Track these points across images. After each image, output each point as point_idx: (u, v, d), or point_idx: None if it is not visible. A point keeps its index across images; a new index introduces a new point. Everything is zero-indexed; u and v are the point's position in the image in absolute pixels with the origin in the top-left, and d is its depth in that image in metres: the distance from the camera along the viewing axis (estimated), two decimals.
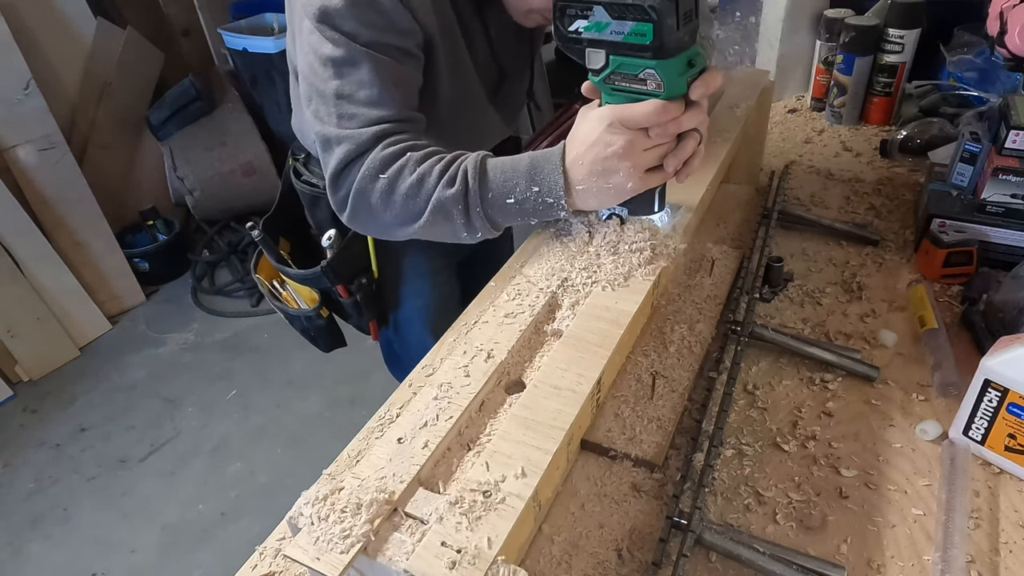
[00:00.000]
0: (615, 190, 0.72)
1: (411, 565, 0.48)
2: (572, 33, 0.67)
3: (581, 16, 0.65)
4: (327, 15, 0.78)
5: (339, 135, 0.80)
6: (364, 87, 0.79)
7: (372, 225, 0.86)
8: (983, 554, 0.62)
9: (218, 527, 2.04)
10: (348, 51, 0.79)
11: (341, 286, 1.12)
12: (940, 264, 0.94)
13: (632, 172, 0.70)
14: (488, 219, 0.77)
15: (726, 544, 0.60)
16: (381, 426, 0.74)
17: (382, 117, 0.80)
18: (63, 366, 2.72)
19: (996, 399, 0.67)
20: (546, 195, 0.74)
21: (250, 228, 1.14)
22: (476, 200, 0.76)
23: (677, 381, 0.75)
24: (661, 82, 0.65)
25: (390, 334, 1.27)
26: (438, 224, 0.79)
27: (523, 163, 0.76)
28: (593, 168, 0.71)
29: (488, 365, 0.66)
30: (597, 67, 0.68)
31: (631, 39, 0.63)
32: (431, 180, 0.77)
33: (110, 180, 2.99)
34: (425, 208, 0.77)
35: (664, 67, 0.64)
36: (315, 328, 1.21)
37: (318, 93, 0.81)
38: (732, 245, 0.99)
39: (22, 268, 2.56)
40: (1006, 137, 0.90)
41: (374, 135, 0.79)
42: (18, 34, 2.50)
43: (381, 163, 0.78)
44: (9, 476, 2.28)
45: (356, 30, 0.78)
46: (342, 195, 0.82)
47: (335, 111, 0.80)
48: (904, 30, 1.31)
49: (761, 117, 1.18)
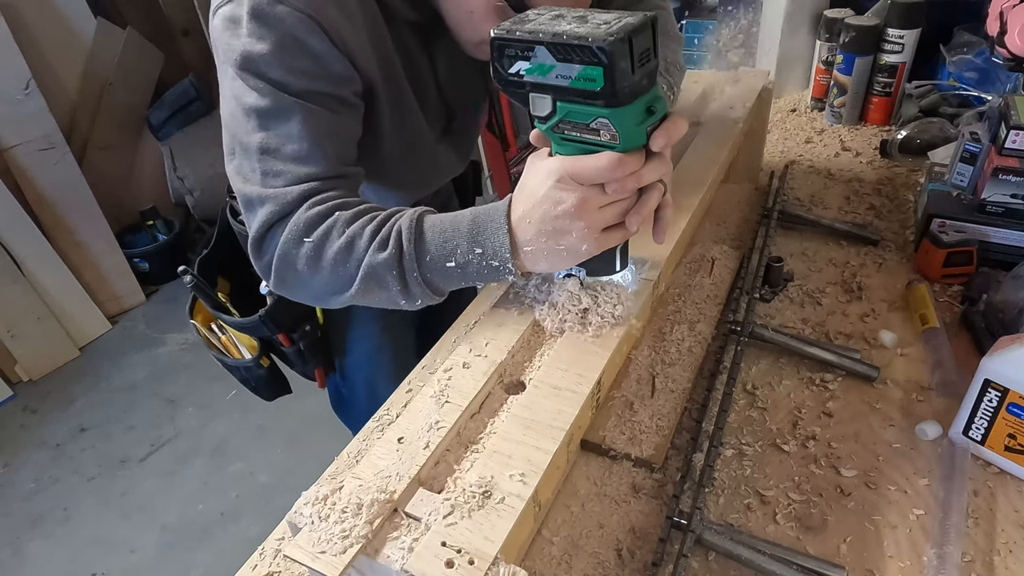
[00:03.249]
0: (568, 252, 0.63)
1: (411, 565, 0.49)
2: (513, 76, 0.58)
3: (522, 57, 0.56)
4: (251, 62, 0.69)
5: (262, 195, 0.71)
6: (292, 141, 0.71)
7: (301, 293, 0.77)
8: (982, 554, 0.62)
9: (218, 527, 2.04)
10: (275, 101, 0.70)
11: (283, 334, 1.03)
12: (940, 264, 0.94)
13: (586, 233, 0.62)
14: (427, 284, 0.69)
15: (726, 544, 0.60)
16: (381, 426, 0.75)
17: (311, 174, 0.71)
18: (63, 366, 2.73)
19: (996, 399, 0.67)
20: (491, 258, 0.65)
21: (182, 273, 1.03)
22: (412, 265, 0.67)
23: (677, 381, 0.75)
24: (616, 133, 0.57)
25: (337, 380, 1.19)
26: (372, 291, 0.70)
27: (464, 221, 0.67)
28: (542, 228, 0.62)
29: (488, 365, 0.66)
30: (543, 114, 0.59)
31: (579, 84, 0.54)
32: (361, 243, 0.68)
33: (110, 180, 2.99)
34: (356, 274, 0.69)
35: (618, 116, 0.56)
36: (255, 378, 1.11)
37: (241, 147, 0.72)
38: (732, 245, 0.99)
39: (22, 268, 2.56)
40: (1006, 137, 0.90)
41: (300, 194, 0.70)
42: (18, 34, 2.51)
43: (306, 225, 0.69)
44: (9, 476, 2.28)
45: (285, 79, 0.70)
46: (266, 261, 0.73)
47: (259, 167, 0.71)
48: (904, 30, 1.31)
49: (761, 117, 1.18)
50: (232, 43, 0.71)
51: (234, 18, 0.70)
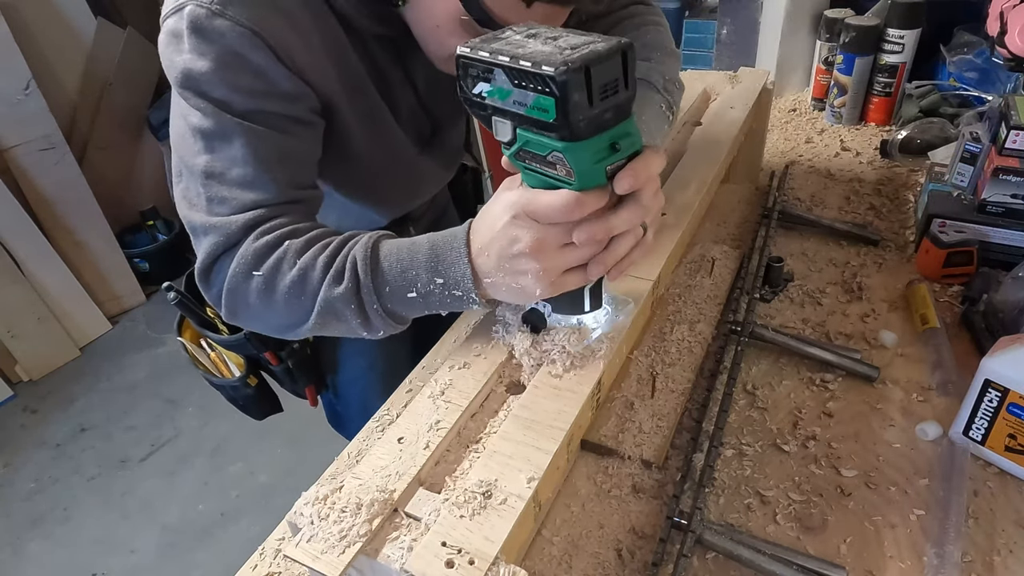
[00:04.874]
0: (523, 292, 0.60)
1: (411, 565, 0.49)
2: (476, 97, 0.54)
3: (483, 79, 0.52)
4: (192, 80, 0.66)
5: (206, 224, 0.67)
6: (237, 165, 0.66)
7: (255, 325, 0.74)
8: (982, 554, 0.62)
9: (218, 527, 2.04)
10: (218, 122, 0.66)
11: (270, 353, 0.99)
12: (940, 264, 0.94)
13: (541, 276, 0.57)
14: (389, 315, 0.66)
15: (726, 544, 0.60)
16: (381, 426, 0.75)
17: (257, 201, 0.67)
18: (63, 366, 2.73)
19: (996, 399, 0.67)
20: (452, 288, 0.62)
21: (166, 289, 0.99)
22: (372, 297, 0.64)
23: (677, 381, 0.75)
24: (571, 169, 0.52)
25: (331, 397, 1.16)
26: (330, 324, 0.67)
27: (422, 250, 0.63)
28: (500, 264, 0.59)
29: (488, 365, 0.66)
30: (505, 140, 0.55)
31: (533, 114, 0.50)
32: (315, 275, 0.65)
33: (110, 180, 2.99)
34: (312, 308, 0.66)
35: (573, 151, 0.51)
36: (243, 397, 1.08)
37: (187, 169, 0.69)
38: (732, 245, 0.99)
39: (22, 268, 2.56)
40: (1006, 137, 0.90)
41: (244, 224, 0.66)
42: (18, 34, 2.50)
43: (254, 257, 0.66)
44: (9, 476, 2.28)
45: (228, 97, 0.66)
46: (214, 293, 0.70)
47: (204, 193, 0.68)
48: (904, 30, 1.31)
49: (761, 117, 1.18)
50: (174, 59, 0.67)
51: (176, 32, 0.67)
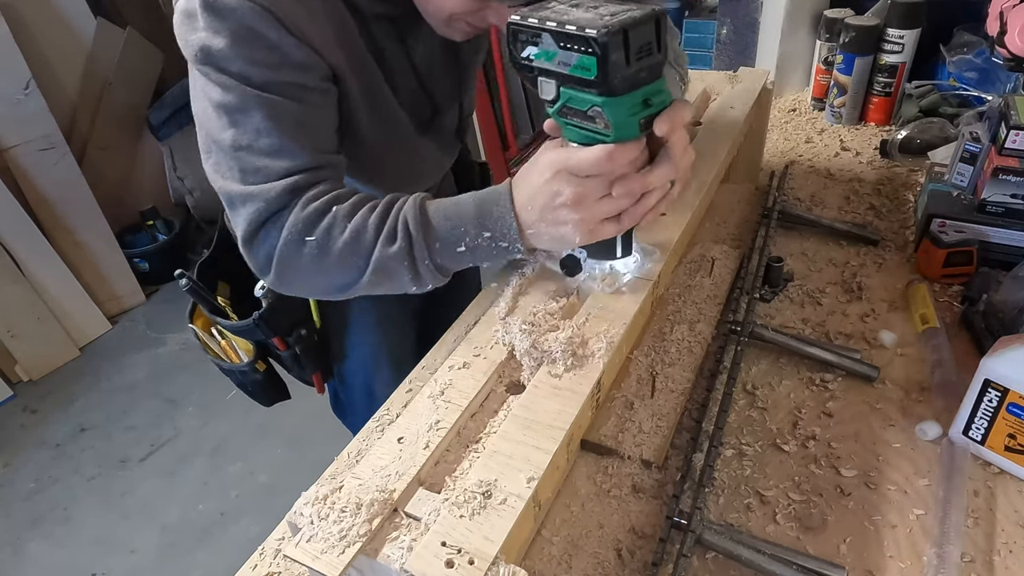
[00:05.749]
0: (563, 240, 0.67)
1: (411, 565, 0.49)
2: (524, 60, 0.61)
3: (532, 43, 0.60)
4: (210, 56, 0.68)
5: (244, 193, 0.71)
6: (263, 135, 0.70)
7: (306, 289, 0.78)
8: (982, 554, 0.62)
9: (218, 527, 2.04)
10: (239, 96, 0.69)
11: (278, 338, 1.02)
12: (940, 264, 0.94)
13: (580, 225, 0.65)
14: (438, 269, 0.71)
15: (726, 544, 0.60)
16: (381, 426, 0.75)
17: (290, 169, 0.71)
18: (63, 366, 2.72)
19: (996, 399, 0.67)
20: (499, 240, 0.69)
21: (178, 276, 1.01)
22: (423, 253, 0.69)
23: (677, 381, 0.75)
24: (608, 122, 0.59)
25: (336, 385, 1.18)
26: (382, 282, 0.72)
27: (469, 207, 0.69)
28: (543, 216, 0.66)
29: (488, 365, 0.66)
30: (549, 98, 0.63)
31: (576, 72, 0.58)
32: (367, 237, 0.69)
33: (110, 180, 2.99)
34: (366, 268, 0.70)
35: (611, 105, 0.58)
36: (251, 383, 1.11)
37: (216, 144, 0.72)
38: (732, 245, 0.99)
39: (22, 268, 2.56)
40: (1006, 137, 0.90)
41: (286, 189, 0.70)
42: (18, 34, 2.50)
43: (305, 224, 0.70)
44: (9, 476, 2.28)
45: (245, 71, 0.68)
46: (261, 259, 0.73)
47: (236, 165, 0.71)
48: (904, 30, 1.31)
49: (761, 117, 1.18)
50: (190, 38, 0.70)
51: (189, 12, 0.70)
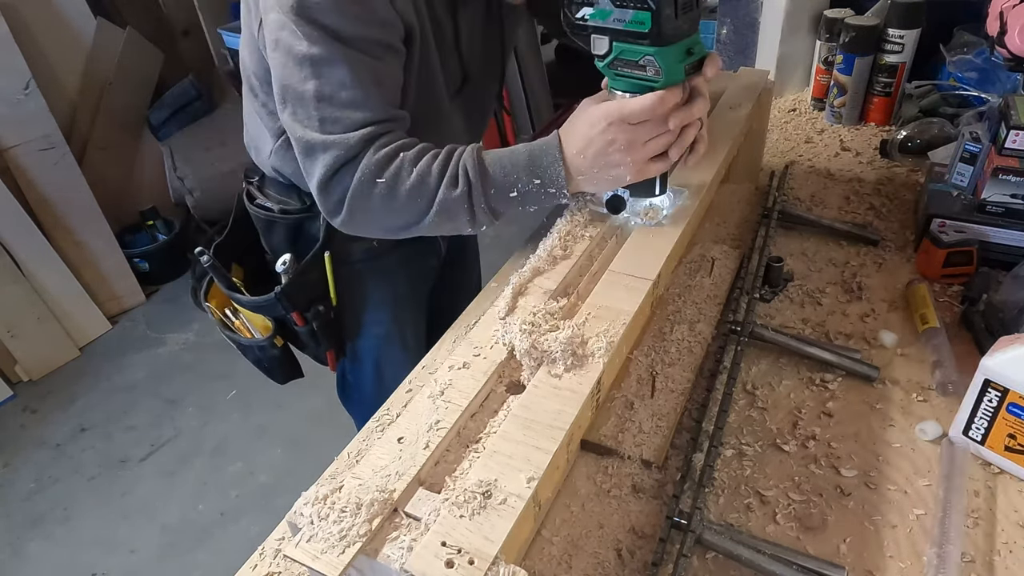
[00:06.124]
0: (614, 180, 0.77)
1: (411, 565, 0.48)
2: (579, 20, 0.71)
3: (587, 4, 0.70)
4: (306, 8, 0.73)
5: (324, 141, 0.77)
6: (345, 88, 0.76)
7: (371, 228, 0.85)
8: (982, 554, 0.62)
9: (218, 527, 2.04)
10: (327, 49, 0.74)
11: (296, 313, 1.06)
12: (940, 264, 0.94)
13: (631, 167, 0.75)
14: (492, 212, 0.80)
15: (726, 544, 0.60)
16: (381, 426, 0.75)
17: (366, 120, 0.77)
18: (63, 366, 2.72)
19: (996, 399, 0.67)
20: (548, 186, 0.77)
21: (199, 254, 1.06)
22: (480, 198, 0.77)
23: (677, 381, 0.75)
24: (659, 69, 0.69)
25: (346, 364, 1.22)
26: (442, 223, 0.80)
27: (521, 157, 0.78)
28: (596, 162, 0.75)
29: (488, 365, 0.66)
30: (601, 53, 0.72)
31: (631, 27, 0.68)
32: (432, 180, 0.77)
33: (110, 180, 2.98)
34: (430, 209, 0.78)
35: (663, 54, 0.69)
36: (269, 359, 1.14)
37: (294, 95, 0.77)
38: (732, 245, 0.99)
39: (22, 268, 2.56)
40: (1006, 137, 0.90)
41: (362, 139, 0.77)
42: (18, 34, 2.50)
43: (376, 167, 0.77)
44: (9, 476, 2.28)
45: (338, 24, 0.74)
46: (334, 201, 0.80)
47: (316, 115, 0.77)
48: (904, 30, 1.31)
49: (761, 117, 1.18)
50: None
51: None
